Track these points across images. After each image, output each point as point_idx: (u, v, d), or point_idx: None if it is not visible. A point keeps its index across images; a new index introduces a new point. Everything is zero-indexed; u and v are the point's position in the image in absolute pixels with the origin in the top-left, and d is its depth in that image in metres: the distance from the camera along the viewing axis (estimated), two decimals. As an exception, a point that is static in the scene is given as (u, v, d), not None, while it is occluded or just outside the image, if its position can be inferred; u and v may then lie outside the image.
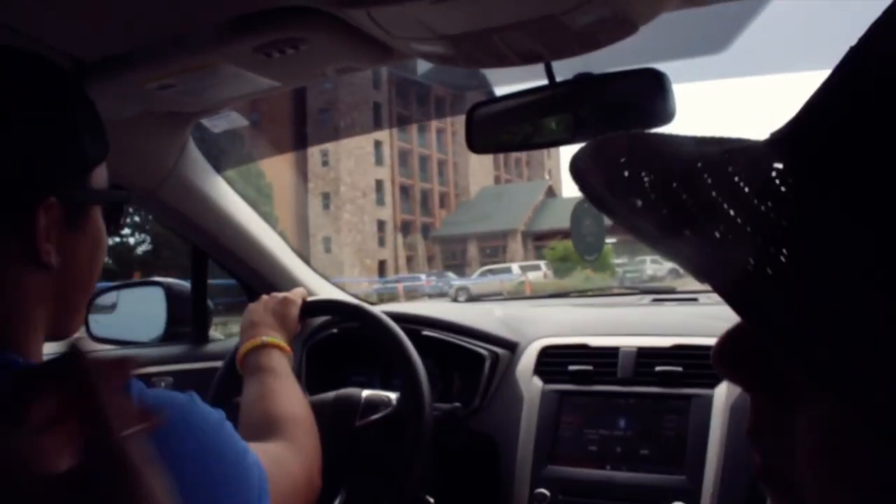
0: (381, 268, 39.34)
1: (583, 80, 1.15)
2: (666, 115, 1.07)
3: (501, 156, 40.83)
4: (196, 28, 1.06)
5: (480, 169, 48.58)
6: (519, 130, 1.22)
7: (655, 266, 26.61)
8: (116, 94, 1.24)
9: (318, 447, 1.03)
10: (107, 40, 1.12)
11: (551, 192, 47.66)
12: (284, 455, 0.92)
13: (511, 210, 42.77)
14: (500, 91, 1.22)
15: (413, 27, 0.97)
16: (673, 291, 1.97)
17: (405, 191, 44.32)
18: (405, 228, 43.64)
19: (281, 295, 1.36)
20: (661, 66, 1.11)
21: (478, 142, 1.23)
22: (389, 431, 1.33)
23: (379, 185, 42.35)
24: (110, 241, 0.83)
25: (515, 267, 28.44)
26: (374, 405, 1.36)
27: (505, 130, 1.23)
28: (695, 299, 1.78)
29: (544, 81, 1.16)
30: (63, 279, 0.72)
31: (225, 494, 0.70)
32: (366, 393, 1.38)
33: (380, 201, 42.38)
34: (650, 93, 1.08)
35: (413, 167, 45.14)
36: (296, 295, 1.37)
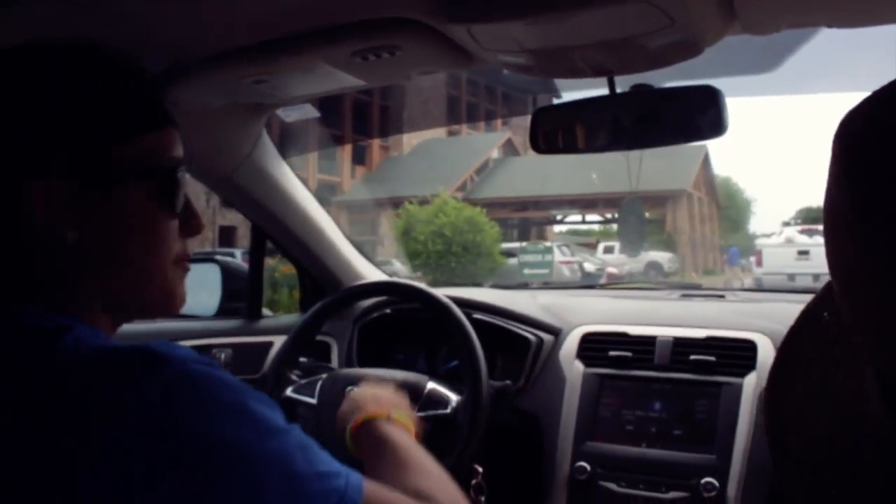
0: (227, 237, 22.64)
1: (641, 91, 1.27)
2: (719, 129, 1.19)
3: (463, 100, 30.92)
4: (301, 30, 1.17)
5: (425, 118, 31.64)
6: (579, 135, 1.33)
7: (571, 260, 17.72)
8: (211, 86, 1.35)
9: None
10: (211, 40, 1.22)
11: (512, 149, 32.63)
12: None
13: (450, 169, 29.08)
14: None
15: (503, 41, 1.08)
16: (699, 287, 2.09)
17: (290, 136, 25.43)
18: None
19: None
20: (710, 81, 1.23)
21: (541, 143, 1.35)
22: (440, 430, 1.40)
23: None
24: None
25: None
26: (434, 401, 1.43)
27: (566, 134, 1.35)
28: (722, 296, 1.91)
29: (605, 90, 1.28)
30: (93, 254, 0.71)
31: None
32: (430, 385, 1.45)
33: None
34: (705, 107, 1.20)
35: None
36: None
